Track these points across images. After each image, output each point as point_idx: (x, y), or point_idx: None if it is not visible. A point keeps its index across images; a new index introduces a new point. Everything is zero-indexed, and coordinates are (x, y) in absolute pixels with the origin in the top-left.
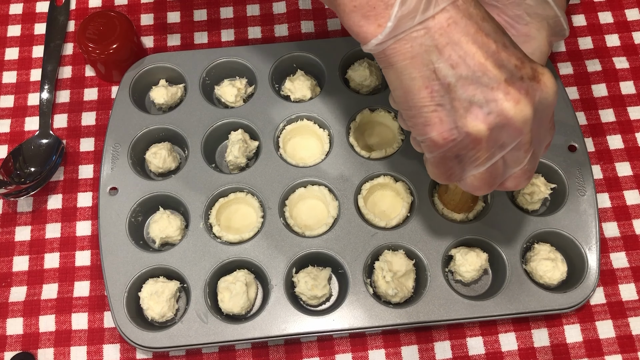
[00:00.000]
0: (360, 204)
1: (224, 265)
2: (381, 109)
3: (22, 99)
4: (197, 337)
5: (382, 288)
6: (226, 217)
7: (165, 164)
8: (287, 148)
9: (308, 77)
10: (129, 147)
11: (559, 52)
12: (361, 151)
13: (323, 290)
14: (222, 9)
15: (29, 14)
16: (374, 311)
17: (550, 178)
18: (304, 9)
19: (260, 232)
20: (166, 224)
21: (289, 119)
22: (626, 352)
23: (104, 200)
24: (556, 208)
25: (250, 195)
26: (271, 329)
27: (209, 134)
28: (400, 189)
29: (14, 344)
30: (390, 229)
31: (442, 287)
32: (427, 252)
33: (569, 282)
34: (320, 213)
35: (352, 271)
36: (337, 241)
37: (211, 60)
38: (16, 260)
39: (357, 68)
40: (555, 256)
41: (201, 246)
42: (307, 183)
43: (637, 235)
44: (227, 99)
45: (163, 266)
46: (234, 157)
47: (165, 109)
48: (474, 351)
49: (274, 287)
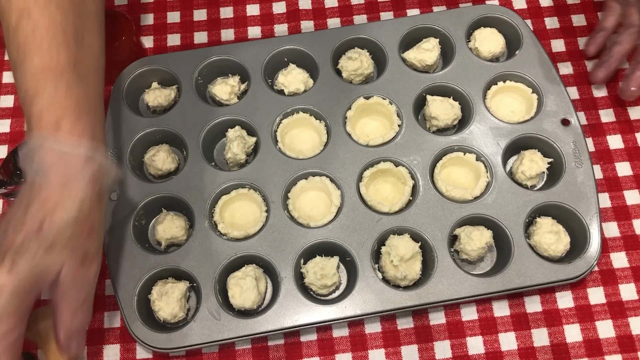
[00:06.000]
0: (363, 191)
1: (232, 262)
2: (376, 96)
3: None
4: (211, 335)
5: (391, 272)
6: (230, 214)
7: (164, 165)
8: (285, 141)
9: (301, 70)
10: (127, 151)
11: (559, 52)
12: (359, 139)
13: (332, 278)
14: (222, 9)
15: None
16: (384, 295)
17: (546, 152)
18: (304, 9)
19: (265, 226)
20: (170, 225)
21: (285, 112)
22: (626, 352)
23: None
24: (555, 181)
25: (253, 190)
26: (284, 321)
27: (206, 133)
28: (401, 174)
29: None
30: (394, 214)
31: (449, 266)
32: (432, 234)
33: (573, 252)
34: (324, 203)
35: (360, 258)
36: (343, 229)
37: (202, 59)
38: None
39: (349, 57)
40: (557, 229)
41: (208, 244)
42: (308, 175)
43: (637, 235)
44: (221, 97)
45: (171, 267)
46: (233, 154)
47: (159, 111)
48: (473, 350)
49: (284, 280)
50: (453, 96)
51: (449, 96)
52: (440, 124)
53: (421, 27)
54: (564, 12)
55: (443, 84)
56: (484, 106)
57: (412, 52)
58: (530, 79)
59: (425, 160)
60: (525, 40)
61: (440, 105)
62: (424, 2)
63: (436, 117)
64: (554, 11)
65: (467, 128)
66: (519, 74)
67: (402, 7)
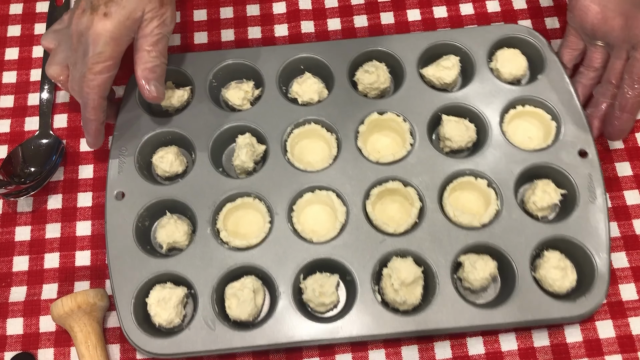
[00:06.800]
0: (369, 210)
1: (232, 272)
2: (390, 112)
3: (22, 99)
4: (204, 344)
5: (391, 295)
6: (233, 223)
7: (172, 167)
8: (295, 152)
9: (316, 80)
10: (135, 150)
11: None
12: (369, 155)
13: (331, 297)
14: (222, 9)
15: (29, 14)
16: (382, 319)
17: (560, 183)
18: (304, 9)
19: (267, 238)
20: (173, 229)
21: (297, 122)
22: (626, 352)
23: (110, 205)
24: (566, 214)
25: (258, 200)
26: (278, 336)
27: (215, 138)
28: (409, 194)
29: (14, 344)
30: (399, 235)
31: (450, 294)
32: (435, 259)
33: (579, 289)
34: (328, 218)
35: (360, 278)
36: (345, 247)
37: (218, 62)
38: (16, 260)
39: (365, 71)
40: (565, 264)
41: (208, 252)
42: (314, 188)
43: (637, 235)
44: (234, 102)
45: (170, 272)
46: (241, 162)
47: (172, 111)
48: (473, 351)
49: (282, 294)
50: (469, 117)
51: (465, 117)
52: (454, 146)
53: (442, 43)
54: (564, 12)
55: (460, 104)
56: (500, 130)
57: (431, 68)
58: (550, 105)
59: (435, 182)
60: (548, 65)
61: (456, 127)
62: (424, 2)
63: (450, 138)
64: (554, 11)
65: (481, 152)
66: (539, 99)
67: (402, 7)
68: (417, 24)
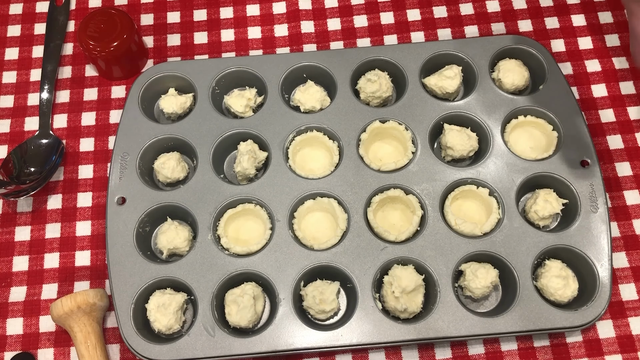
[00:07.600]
0: (370, 217)
1: (232, 278)
2: (392, 120)
3: (22, 99)
4: (203, 351)
5: (391, 303)
6: (234, 229)
7: (173, 174)
8: (297, 159)
9: (318, 88)
10: (137, 156)
11: (559, 52)
12: (371, 163)
13: (331, 304)
14: (222, 9)
15: (29, 14)
16: (382, 327)
17: (561, 193)
18: (304, 10)
19: (268, 244)
20: (174, 235)
21: (299, 130)
22: (626, 352)
23: (111, 210)
24: (568, 224)
25: (259, 206)
26: (278, 344)
27: (217, 144)
28: (411, 202)
29: (14, 344)
30: (400, 243)
31: (451, 303)
32: (437, 267)
33: (581, 298)
34: (329, 225)
35: (361, 285)
36: (346, 255)
37: (221, 69)
38: (16, 260)
39: (368, 79)
40: (566, 273)
41: (209, 258)
42: (316, 195)
43: (637, 235)
44: (236, 109)
45: (170, 278)
46: (243, 168)
47: (174, 118)
48: (473, 351)
49: (282, 301)
50: (471, 127)
51: (467, 126)
52: (455, 155)
53: (445, 53)
54: (564, 12)
55: (462, 113)
56: (501, 140)
57: (434, 78)
58: (552, 115)
59: (436, 190)
60: (550, 76)
61: (457, 136)
62: (424, 2)
63: (452, 147)
64: (554, 11)
65: (482, 161)
66: (541, 109)
67: (402, 8)
68: (417, 24)
